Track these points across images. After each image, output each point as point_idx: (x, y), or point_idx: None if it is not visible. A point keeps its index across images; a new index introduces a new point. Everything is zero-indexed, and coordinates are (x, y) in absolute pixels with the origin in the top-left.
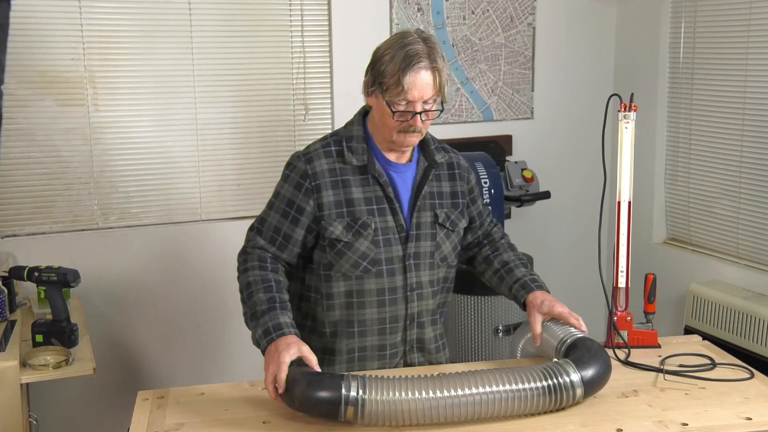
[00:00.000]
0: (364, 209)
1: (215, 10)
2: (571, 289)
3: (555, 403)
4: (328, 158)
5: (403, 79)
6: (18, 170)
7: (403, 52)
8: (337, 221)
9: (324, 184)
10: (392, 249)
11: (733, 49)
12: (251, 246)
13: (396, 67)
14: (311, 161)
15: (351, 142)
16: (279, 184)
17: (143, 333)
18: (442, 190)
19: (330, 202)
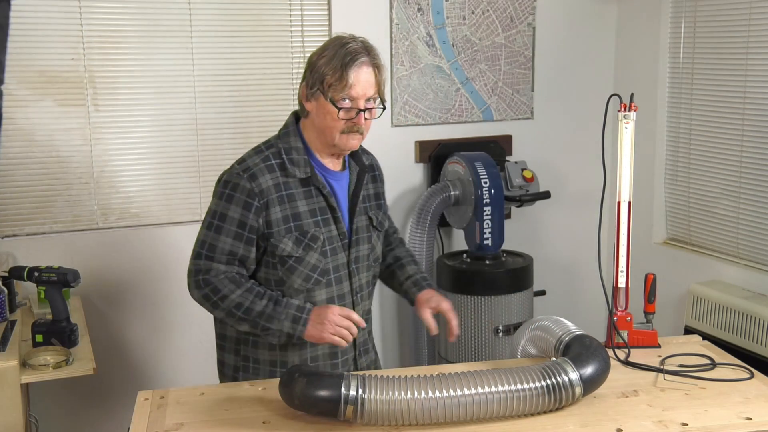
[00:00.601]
0: (311, 221)
1: (215, 10)
2: (571, 289)
3: (554, 402)
4: (272, 173)
5: (347, 74)
6: (18, 170)
7: (344, 50)
8: (287, 237)
9: (271, 200)
10: (338, 257)
11: (733, 49)
12: (212, 274)
13: (338, 63)
14: (255, 178)
15: (291, 154)
16: (221, 205)
17: (143, 333)
18: (369, 193)
19: (278, 218)
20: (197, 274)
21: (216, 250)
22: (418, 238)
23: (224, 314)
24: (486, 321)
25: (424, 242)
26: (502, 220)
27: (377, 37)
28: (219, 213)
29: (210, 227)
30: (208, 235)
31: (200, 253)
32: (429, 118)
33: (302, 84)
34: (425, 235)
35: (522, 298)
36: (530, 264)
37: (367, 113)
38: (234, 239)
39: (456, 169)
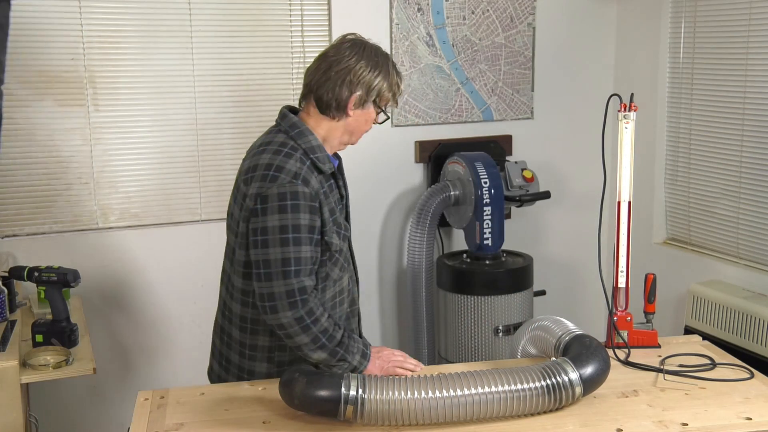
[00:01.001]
0: (338, 212)
1: (215, 10)
2: (571, 289)
3: (554, 402)
4: (313, 174)
5: (398, 91)
6: (18, 170)
7: (391, 63)
8: (333, 232)
9: (321, 200)
10: (345, 243)
11: (733, 49)
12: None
13: (393, 80)
14: (308, 182)
15: (316, 153)
16: (288, 217)
17: (143, 333)
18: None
19: (326, 216)
20: (292, 295)
21: (301, 262)
22: (418, 238)
23: (309, 339)
24: (486, 321)
25: (424, 242)
26: (502, 220)
27: (377, 37)
28: (290, 226)
29: (285, 243)
30: (287, 251)
31: (288, 271)
32: (429, 118)
33: (354, 95)
34: (425, 235)
35: (522, 298)
36: (530, 264)
37: None
38: (313, 245)
39: (456, 169)
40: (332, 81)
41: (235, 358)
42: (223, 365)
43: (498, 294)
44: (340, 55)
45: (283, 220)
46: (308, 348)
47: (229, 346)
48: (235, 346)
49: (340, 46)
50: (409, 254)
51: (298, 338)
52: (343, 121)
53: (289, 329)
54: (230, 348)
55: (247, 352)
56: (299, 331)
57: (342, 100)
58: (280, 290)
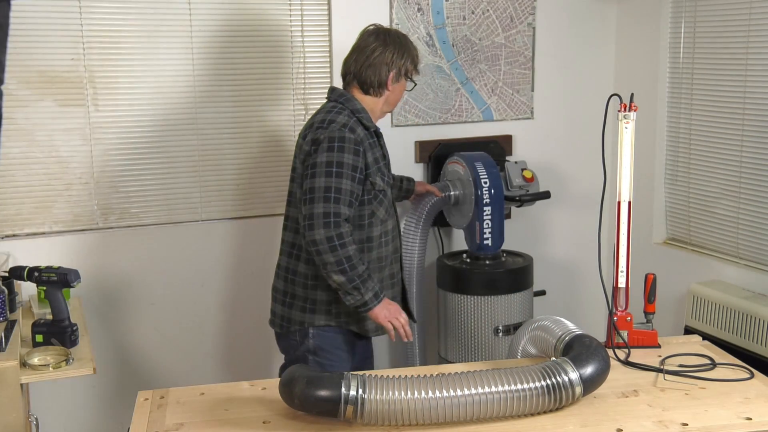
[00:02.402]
0: (382, 164)
1: (215, 11)
2: (571, 289)
3: (554, 402)
4: (359, 127)
5: (419, 61)
6: (18, 170)
7: (410, 43)
8: (377, 175)
9: (366, 146)
10: (388, 188)
11: (733, 49)
12: (342, 218)
13: (415, 54)
14: (354, 130)
15: (361, 114)
16: (334, 155)
17: (143, 333)
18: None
19: (371, 160)
20: (328, 216)
21: (341, 192)
22: (420, 238)
23: (334, 260)
24: (486, 321)
25: (418, 241)
26: (502, 220)
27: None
28: (335, 162)
29: (330, 175)
30: (329, 181)
31: (328, 197)
32: (429, 118)
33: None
34: (425, 235)
35: (522, 298)
36: (530, 264)
37: None
38: (353, 182)
39: (456, 169)
40: (372, 66)
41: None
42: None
43: (498, 294)
44: (370, 44)
45: (329, 157)
46: (332, 268)
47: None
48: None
49: (368, 38)
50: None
51: (326, 256)
52: (383, 96)
53: (320, 245)
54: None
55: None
56: (328, 249)
57: (382, 80)
58: (319, 211)
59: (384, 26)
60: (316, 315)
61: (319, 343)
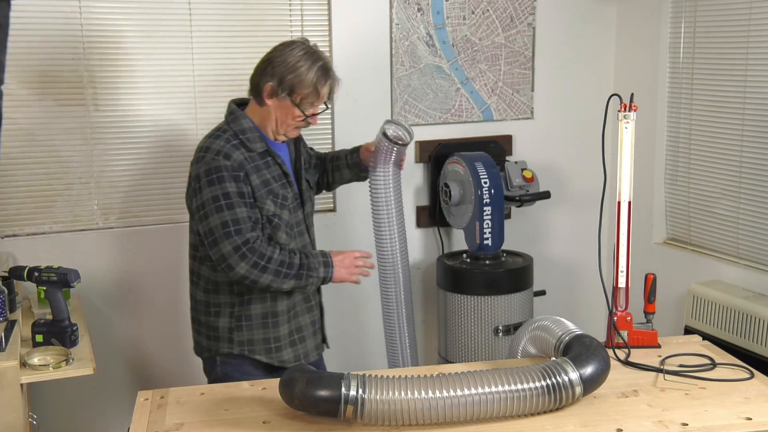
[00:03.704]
0: (277, 185)
1: (215, 10)
2: (571, 289)
3: (554, 402)
4: (238, 150)
5: (322, 90)
6: (18, 170)
7: (317, 67)
8: (267, 199)
9: (248, 170)
10: (297, 214)
11: (733, 49)
12: (252, 242)
13: (314, 80)
14: (229, 157)
15: (246, 134)
16: (216, 188)
17: (143, 333)
18: (303, 157)
19: (257, 185)
20: (237, 250)
21: (239, 221)
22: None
23: (272, 276)
24: (486, 321)
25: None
26: (502, 220)
27: (377, 37)
28: (220, 194)
29: (220, 210)
30: (223, 216)
31: (229, 232)
32: (429, 118)
33: (268, 83)
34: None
35: (522, 298)
36: (530, 264)
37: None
38: (247, 207)
39: (456, 169)
40: (257, 69)
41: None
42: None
43: (498, 294)
44: (275, 50)
45: (213, 191)
46: (276, 283)
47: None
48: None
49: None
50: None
51: (263, 280)
52: (266, 109)
53: (250, 277)
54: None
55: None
56: (259, 273)
57: (259, 88)
58: (228, 249)
59: (309, 44)
60: (219, 342)
61: (227, 371)
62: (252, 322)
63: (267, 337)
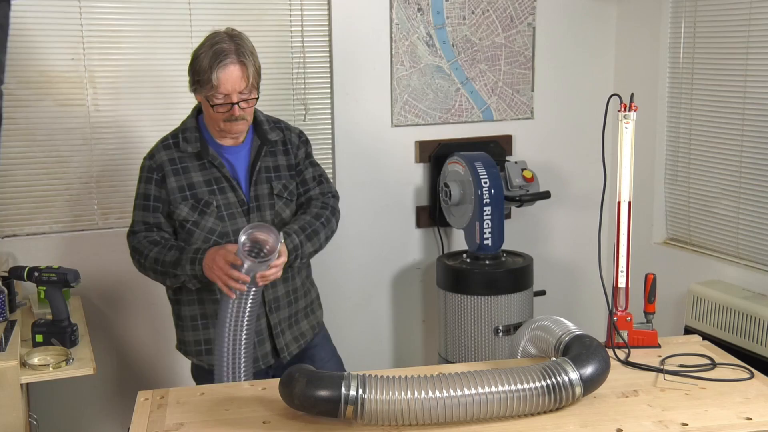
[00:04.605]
0: (206, 190)
1: (215, 11)
2: (571, 289)
3: (554, 402)
4: (167, 150)
5: (212, 76)
6: (18, 170)
7: (211, 51)
8: (183, 204)
9: (167, 172)
10: (237, 221)
11: (733, 49)
12: (131, 245)
13: (206, 65)
14: (153, 156)
15: (185, 134)
16: (137, 186)
17: (143, 333)
18: (278, 164)
19: (173, 188)
20: (131, 250)
21: (134, 224)
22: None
23: (150, 272)
24: (486, 321)
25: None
26: (502, 220)
27: (377, 37)
28: (136, 193)
29: (133, 208)
30: (133, 214)
31: (130, 231)
32: (429, 118)
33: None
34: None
35: (522, 298)
36: (530, 264)
37: (242, 103)
38: (143, 210)
39: (456, 169)
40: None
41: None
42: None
43: (498, 294)
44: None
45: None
46: (159, 280)
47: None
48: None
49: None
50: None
51: (150, 277)
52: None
53: (143, 273)
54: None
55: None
56: (141, 269)
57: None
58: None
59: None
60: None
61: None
62: (184, 323)
63: (197, 338)
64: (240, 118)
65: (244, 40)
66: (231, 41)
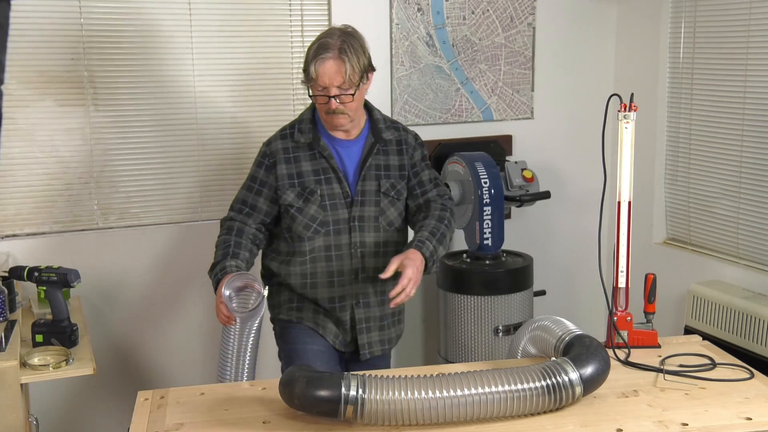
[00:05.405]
0: (312, 179)
1: (215, 10)
2: (571, 289)
3: (554, 402)
4: (283, 140)
5: (311, 68)
6: (18, 170)
7: (317, 44)
8: (290, 190)
9: (279, 160)
10: (338, 212)
11: (733, 49)
12: (223, 219)
13: (310, 57)
14: (269, 144)
15: (301, 125)
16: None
17: (143, 333)
18: (389, 163)
19: (283, 174)
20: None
21: (235, 200)
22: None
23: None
24: (486, 321)
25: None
26: (502, 220)
27: (377, 37)
28: (248, 174)
29: (241, 186)
30: (238, 191)
31: (231, 204)
32: (429, 118)
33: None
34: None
35: (522, 298)
36: (530, 264)
37: (339, 98)
38: (246, 190)
39: (456, 169)
40: None
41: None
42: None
43: (498, 294)
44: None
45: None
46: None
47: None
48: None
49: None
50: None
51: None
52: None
53: None
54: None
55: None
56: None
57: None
58: None
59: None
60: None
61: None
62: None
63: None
64: (338, 112)
65: (354, 38)
66: (338, 37)
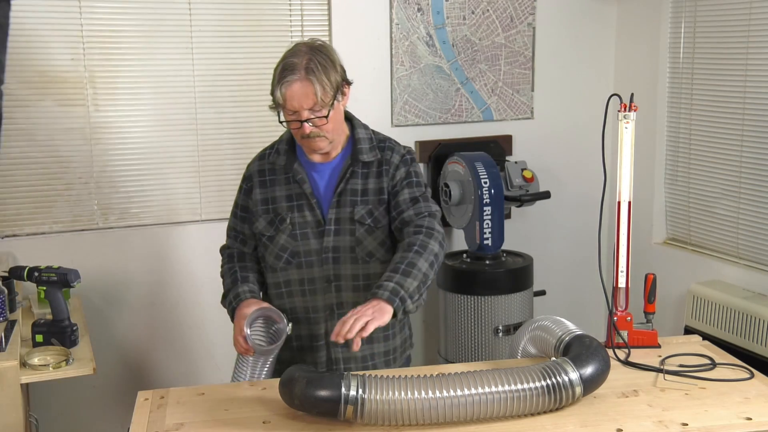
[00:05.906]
0: (285, 205)
1: (215, 10)
2: (571, 289)
3: (554, 402)
4: (261, 161)
5: (277, 93)
6: (18, 170)
7: (281, 66)
8: (263, 217)
9: (255, 183)
10: (309, 242)
11: (733, 49)
12: (222, 247)
13: (275, 80)
14: (249, 166)
15: (279, 145)
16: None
17: (143, 333)
18: (367, 188)
19: (257, 199)
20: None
21: (228, 229)
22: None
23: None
24: (486, 321)
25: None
26: (502, 220)
27: (377, 37)
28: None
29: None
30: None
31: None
32: (429, 118)
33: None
34: None
35: (522, 298)
36: (530, 264)
37: (312, 121)
38: (234, 217)
39: (456, 169)
40: None
41: None
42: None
43: (498, 294)
44: None
45: None
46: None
47: None
48: None
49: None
50: None
51: None
52: None
53: None
54: None
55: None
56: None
57: None
58: None
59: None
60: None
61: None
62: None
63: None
64: (314, 135)
65: (322, 53)
66: (304, 55)
